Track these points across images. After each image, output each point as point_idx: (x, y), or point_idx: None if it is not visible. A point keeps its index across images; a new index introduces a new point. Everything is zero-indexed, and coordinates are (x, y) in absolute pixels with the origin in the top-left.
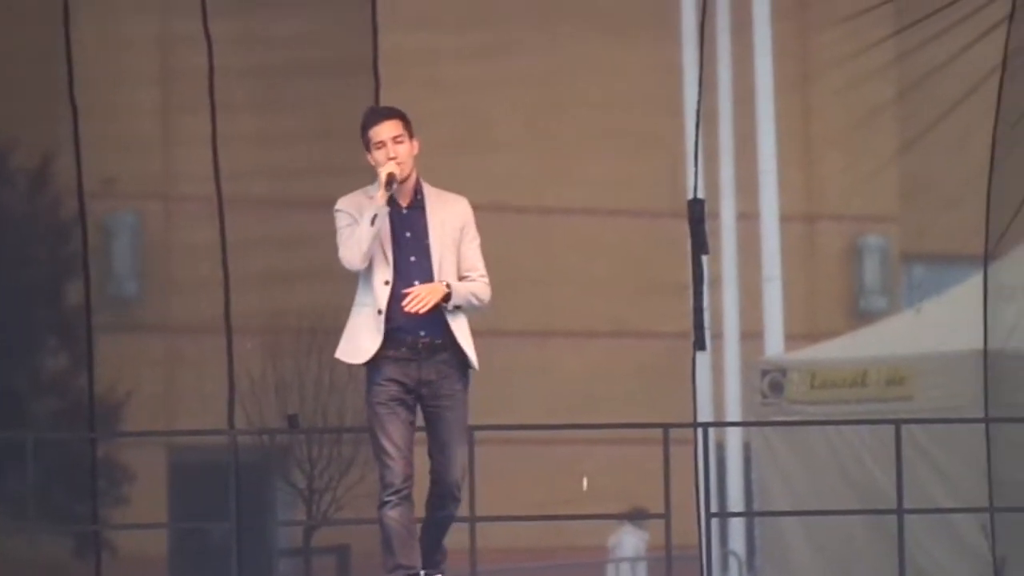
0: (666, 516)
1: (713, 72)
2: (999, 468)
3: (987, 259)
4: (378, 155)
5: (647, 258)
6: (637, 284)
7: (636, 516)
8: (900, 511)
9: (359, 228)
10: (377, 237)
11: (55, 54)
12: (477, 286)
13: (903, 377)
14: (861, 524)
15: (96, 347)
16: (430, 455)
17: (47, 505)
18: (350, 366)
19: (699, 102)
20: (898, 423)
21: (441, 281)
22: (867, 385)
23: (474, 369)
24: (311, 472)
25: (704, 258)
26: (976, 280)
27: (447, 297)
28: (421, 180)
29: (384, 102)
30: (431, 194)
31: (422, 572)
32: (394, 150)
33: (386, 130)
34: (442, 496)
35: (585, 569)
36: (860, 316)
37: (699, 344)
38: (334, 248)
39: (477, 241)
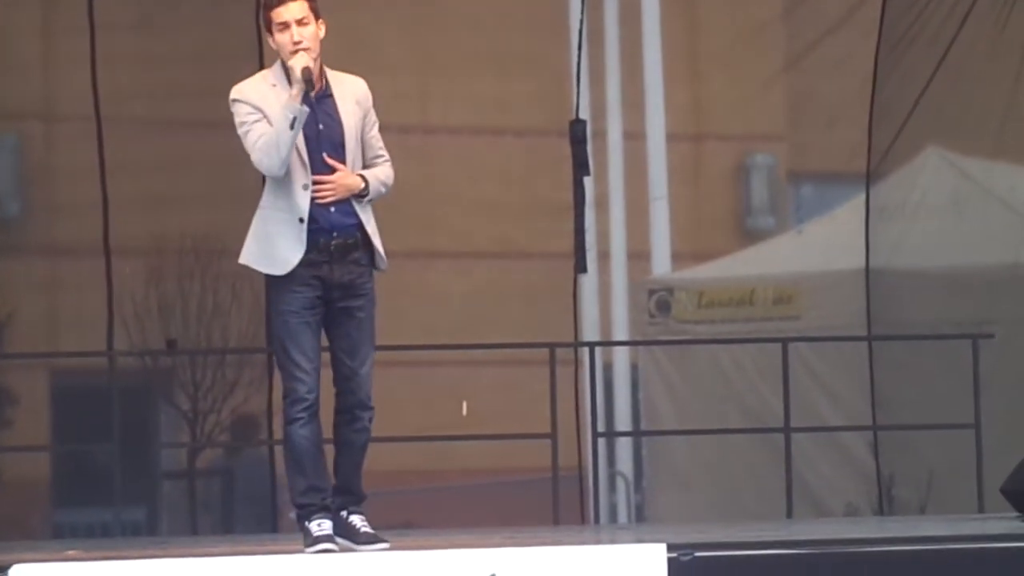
0: (552, 437)
1: None
2: (883, 386)
3: (869, 178)
4: (281, 38)
5: (533, 178)
6: (523, 204)
7: (522, 436)
8: (787, 429)
9: (276, 131)
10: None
11: None
12: (384, 170)
13: (790, 296)
14: (749, 443)
15: None
16: (335, 363)
17: None
18: (234, 285)
19: (582, 21)
20: (785, 341)
21: (357, 173)
22: (754, 304)
23: (382, 270)
24: (195, 395)
25: (589, 178)
26: (861, 199)
27: (363, 192)
28: (323, 64)
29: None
30: (334, 79)
31: (344, 512)
32: (299, 33)
33: (290, 11)
34: (352, 408)
35: (473, 491)
36: (747, 235)
37: (580, 267)
38: (216, 170)
39: (377, 124)
